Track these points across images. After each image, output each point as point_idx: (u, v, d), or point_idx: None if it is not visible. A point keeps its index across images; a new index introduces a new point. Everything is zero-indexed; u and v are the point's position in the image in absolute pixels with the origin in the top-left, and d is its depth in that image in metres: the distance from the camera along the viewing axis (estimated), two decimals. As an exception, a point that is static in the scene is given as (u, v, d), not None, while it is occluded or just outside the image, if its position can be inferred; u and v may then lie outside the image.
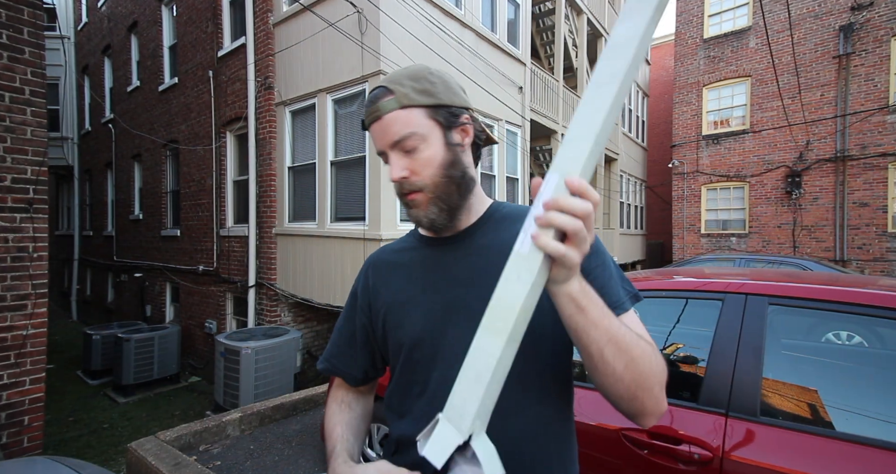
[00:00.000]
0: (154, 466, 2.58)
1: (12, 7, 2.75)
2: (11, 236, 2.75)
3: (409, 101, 0.71)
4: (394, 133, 0.71)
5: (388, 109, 0.71)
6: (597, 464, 1.62)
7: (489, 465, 0.53)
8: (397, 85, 0.71)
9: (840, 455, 1.26)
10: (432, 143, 0.72)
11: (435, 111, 0.72)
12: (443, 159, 0.72)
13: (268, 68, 5.57)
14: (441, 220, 0.74)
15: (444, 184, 0.73)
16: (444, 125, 0.73)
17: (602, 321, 0.57)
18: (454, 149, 0.74)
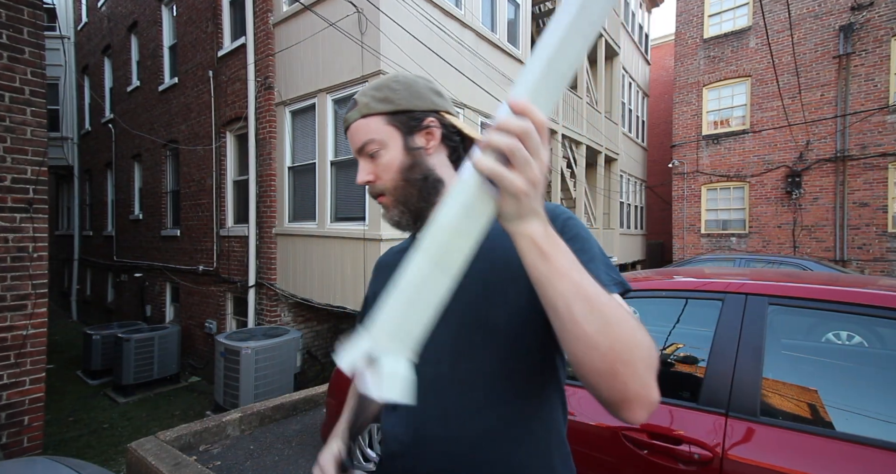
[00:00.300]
0: (154, 466, 2.58)
1: (12, 7, 2.75)
2: (11, 236, 2.75)
3: (369, 109, 0.76)
4: (357, 140, 0.77)
5: (353, 119, 0.78)
6: (597, 464, 1.62)
7: (390, 384, 0.50)
8: (361, 95, 0.78)
9: (840, 455, 1.26)
10: (391, 149, 0.76)
11: (394, 117, 0.76)
12: (401, 163, 0.76)
13: (268, 68, 5.57)
14: (405, 222, 0.78)
15: (403, 188, 0.76)
16: (403, 130, 0.77)
17: (570, 272, 0.51)
18: (414, 153, 0.77)
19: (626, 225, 12.57)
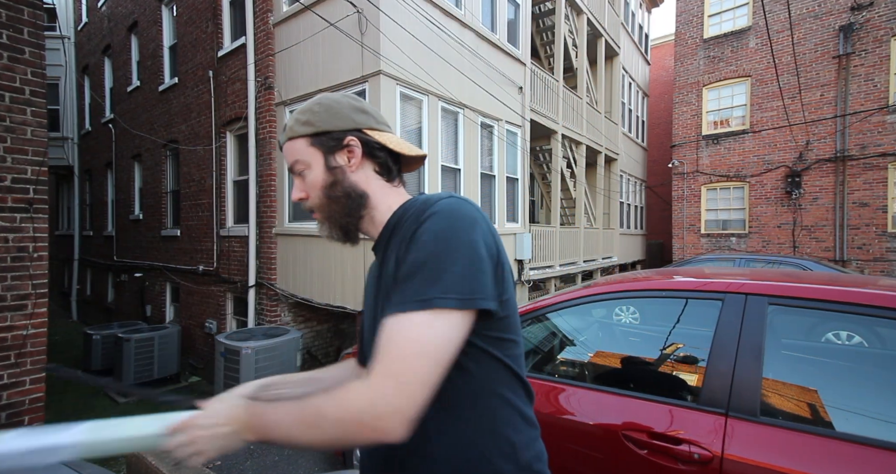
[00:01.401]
0: (154, 466, 2.58)
1: (12, 7, 2.75)
2: (11, 236, 2.75)
3: (294, 132, 0.82)
4: (288, 160, 0.84)
5: (282, 142, 0.84)
6: (597, 464, 1.62)
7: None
8: (290, 119, 0.84)
9: (840, 455, 1.26)
10: (314, 168, 0.82)
11: (315, 138, 0.82)
12: (323, 182, 0.82)
13: (268, 68, 5.58)
14: (336, 236, 0.85)
15: (328, 204, 0.83)
16: (323, 150, 0.82)
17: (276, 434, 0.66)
18: (335, 171, 0.82)
19: (626, 225, 12.57)
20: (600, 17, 10.28)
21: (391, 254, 0.76)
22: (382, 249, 0.82)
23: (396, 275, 0.70)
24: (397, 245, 0.74)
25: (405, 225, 0.74)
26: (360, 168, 0.83)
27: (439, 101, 5.37)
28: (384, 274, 0.77)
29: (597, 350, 2.19)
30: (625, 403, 1.64)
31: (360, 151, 0.83)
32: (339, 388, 0.65)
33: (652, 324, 2.23)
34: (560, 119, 8.52)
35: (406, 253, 0.69)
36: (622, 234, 11.90)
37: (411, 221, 0.73)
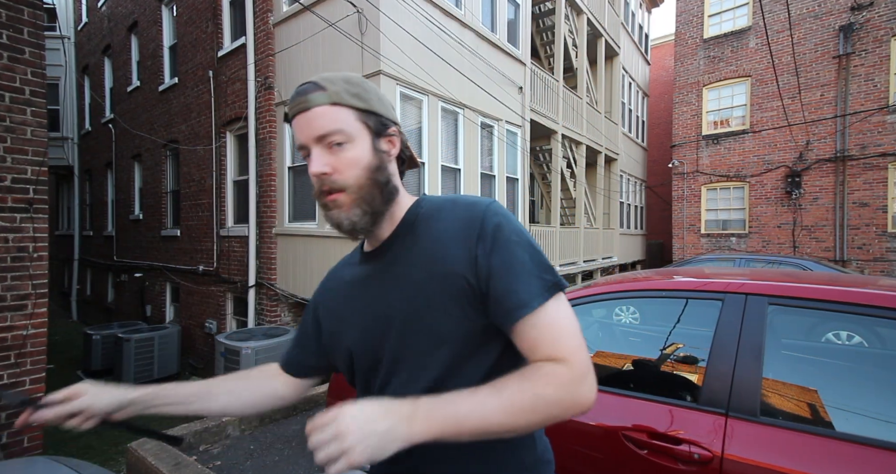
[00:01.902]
0: (154, 466, 2.58)
1: (12, 7, 2.75)
2: (11, 236, 2.75)
3: (341, 99, 0.71)
4: (319, 127, 0.70)
5: (318, 103, 0.70)
6: (597, 464, 1.62)
7: None
8: (330, 83, 0.72)
9: (840, 455, 1.26)
10: (359, 145, 0.72)
11: (366, 115, 0.73)
12: (369, 162, 0.73)
13: (268, 68, 5.58)
14: (363, 224, 0.73)
15: (369, 187, 0.72)
16: (373, 131, 0.74)
17: (465, 425, 0.60)
18: (381, 155, 0.75)
19: (626, 225, 12.57)
20: (600, 17, 10.28)
21: (421, 251, 0.74)
22: (394, 247, 0.78)
23: (493, 273, 0.69)
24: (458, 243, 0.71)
25: (448, 224, 0.73)
26: (391, 161, 0.79)
27: (439, 101, 5.37)
28: (414, 271, 0.74)
29: (597, 350, 2.19)
30: (625, 403, 1.64)
31: (398, 144, 0.79)
32: (538, 372, 0.64)
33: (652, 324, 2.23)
34: (560, 119, 8.52)
35: (495, 251, 0.69)
36: (622, 234, 11.90)
37: (467, 222, 0.72)
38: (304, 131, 0.71)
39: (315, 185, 0.73)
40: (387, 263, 0.78)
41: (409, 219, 0.79)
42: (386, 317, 0.75)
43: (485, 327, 0.71)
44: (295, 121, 0.72)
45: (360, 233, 0.75)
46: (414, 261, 0.74)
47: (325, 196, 0.73)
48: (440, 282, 0.71)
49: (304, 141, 0.72)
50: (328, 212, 0.74)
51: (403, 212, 0.80)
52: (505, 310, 0.68)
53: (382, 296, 0.77)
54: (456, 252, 0.71)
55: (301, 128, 0.72)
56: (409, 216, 0.79)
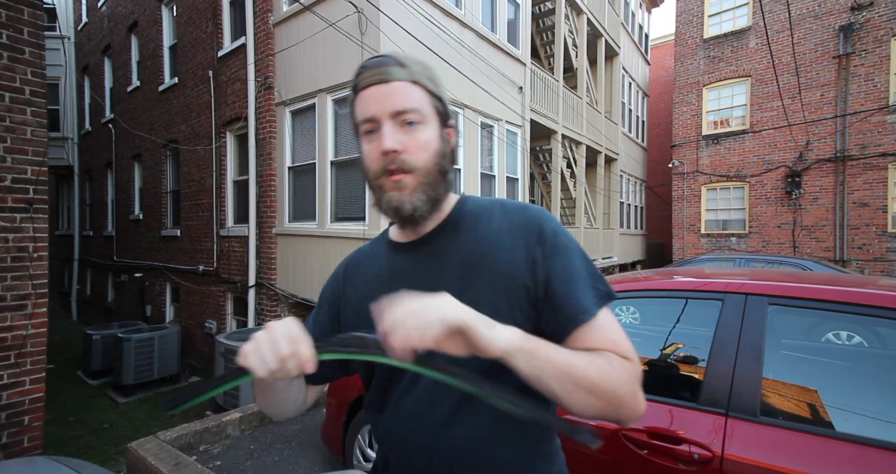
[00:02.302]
0: (154, 466, 2.58)
1: (12, 7, 2.75)
2: (11, 236, 2.75)
3: (419, 79, 0.70)
4: (398, 102, 0.67)
5: (398, 77, 0.68)
6: (597, 464, 1.62)
7: None
8: (408, 61, 0.71)
9: (840, 455, 1.26)
10: (430, 128, 0.70)
11: (438, 101, 0.73)
12: (438, 147, 0.71)
13: (268, 68, 5.58)
14: (423, 210, 0.70)
15: (436, 173, 0.70)
16: (441, 117, 0.73)
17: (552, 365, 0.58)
18: (446, 142, 0.74)
19: (626, 225, 12.57)
20: (600, 17, 10.28)
21: (469, 249, 0.72)
22: (436, 241, 0.75)
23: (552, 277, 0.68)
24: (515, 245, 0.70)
25: (500, 226, 0.73)
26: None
27: (439, 101, 5.37)
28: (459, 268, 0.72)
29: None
30: (625, 403, 1.64)
31: (455, 138, 0.77)
32: (612, 358, 0.63)
33: (652, 324, 2.23)
34: (560, 119, 8.52)
35: (555, 257, 0.69)
36: (622, 234, 11.90)
37: (524, 225, 0.72)
38: (379, 103, 0.68)
39: (376, 164, 0.69)
40: (427, 256, 0.75)
41: (455, 215, 0.77)
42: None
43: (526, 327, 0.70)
44: (367, 92, 0.69)
45: (416, 220, 0.71)
46: (460, 257, 0.72)
47: (388, 176, 0.68)
48: (493, 281, 0.69)
49: (375, 113, 0.68)
50: (386, 193, 0.70)
51: (450, 207, 0.78)
52: (565, 316, 0.67)
53: (419, 290, 0.74)
54: (512, 254, 0.70)
55: (375, 99, 0.68)
56: (455, 212, 0.78)
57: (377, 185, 0.71)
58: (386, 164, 0.68)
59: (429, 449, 0.70)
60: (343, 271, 0.87)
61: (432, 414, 0.70)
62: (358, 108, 0.71)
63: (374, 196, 0.72)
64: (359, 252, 0.88)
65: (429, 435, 0.70)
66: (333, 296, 0.85)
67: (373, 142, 0.69)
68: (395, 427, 0.74)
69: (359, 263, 0.85)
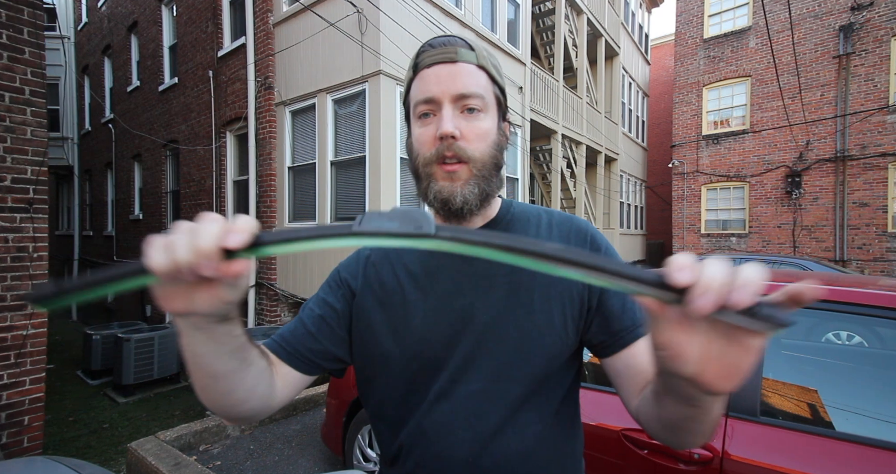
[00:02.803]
0: (154, 466, 2.58)
1: (12, 7, 2.75)
2: (11, 236, 2.75)
3: (486, 64, 0.66)
4: (465, 85, 0.63)
5: (467, 59, 0.64)
6: (597, 464, 1.62)
7: None
8: (478, 46, 0.66)
9: (840, 455, 1.26)
10: (490, 117, 0.66)
11: (499, 90, 0.69)
12: (496, 138, 0.66)
13: (268, 68, 5.57)
14: (474, 204, 0.64)
15: (491, 166, 0.65)
16: (501, 108, 0.69)
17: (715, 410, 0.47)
18: (503, 135, 0.69)
19: (626, 225, 12.57)
20: (600, 17, 10.27)
21: None
22: None
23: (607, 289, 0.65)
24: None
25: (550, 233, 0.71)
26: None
27: (439, 101, 5.37)
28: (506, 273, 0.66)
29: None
30: (625, 403, 1.65)
31: (509, 133, 0.72)
32: None
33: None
34: (560, 119, 8.52)
35: None
36: (622, 234, 11.90)
37: (576, 235, 0.71)
38: (443, 84, 0.63)
39: (429, 148, 0.64)
40: (469, 257, 0.66)
41: (502, 217, 0.73)
42: (463, 315, 0.66)
43: (573, 345, 0.68)
44: (429, 71, 0.64)
45: (465, 215, 0.65)
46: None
47: (441, 163, 0.63)
48: (547, 288, 0.66)
49: (436, 94, 0.63)
50: (437, 183, 0.64)
51: (496, 208, 0.74)
52: (623, 328, 0.65)
53: (459, 292, 0.67)
54: None
55: (439, 79, 0.63)
56: (502, 213, 0.73)
57: (427, 173, 0.65)
58: (441, 151, 0.62)
59: (470, 465, 0.65)
60: (364, 263, 0.76)
61: (474, 427, 0.65)
62: (416, 88, 0.66)
63: (421, 185, 0.66)
64: (358, 257, 0.81)
65: (469, 449, 0.65)
66: (348, 285, 0.74)
67: (428, 126, 0.64)
68: (425, 440, 0.67)
69: (387, 256, 0.75)
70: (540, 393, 0.66)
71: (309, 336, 0.71)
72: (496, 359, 0.65)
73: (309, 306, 0.75)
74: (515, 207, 0.75)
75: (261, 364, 0.60)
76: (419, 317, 0.67)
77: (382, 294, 0.71)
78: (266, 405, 0.63)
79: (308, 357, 0.70)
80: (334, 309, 0.72)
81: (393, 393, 0.70)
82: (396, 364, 0.68)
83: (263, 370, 0.60)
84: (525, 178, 7.41)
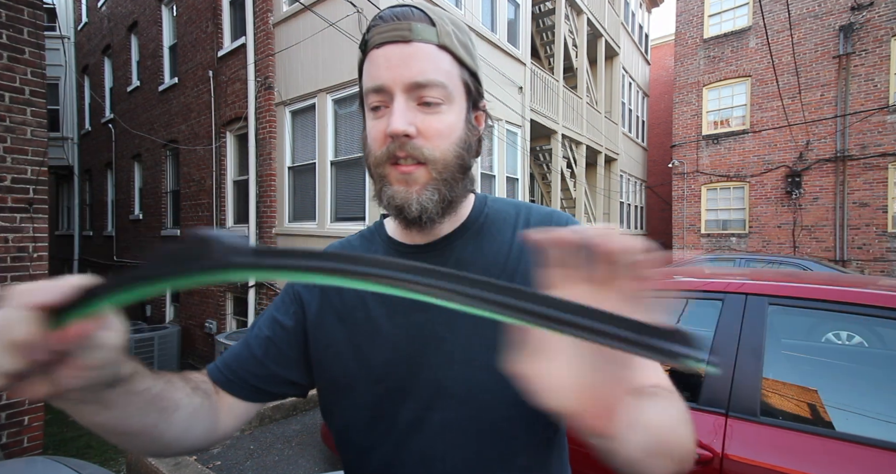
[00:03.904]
0: (154, 466, 2.58)
1: (12, 7, 2.75)
2: (11, 236, 2.75)
3: (451, 44, 0.54)
4: (420, 72, 0.51)
5: (423, 38, 0.52)
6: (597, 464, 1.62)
7: None
8: (438, 18, 0.54)
9: (840, 455, 1.26)
10: (455, 110, 0.55)
11: (470, 75, 0.57)
12: (462, 135, 0.56)
13: (268, 68, 5.57)
14: (433, 212, 0.55)
15: (454, 168, 0.55)
16: (470, 97, 0.58)
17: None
18: (472, 131, 0.58)
19: (626, 225, 12.57)
20: (600, 17, 10.27)
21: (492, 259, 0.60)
22: (455, 248, 0.62)
23: None
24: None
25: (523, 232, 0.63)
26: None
27: (439, 101, 5.37)
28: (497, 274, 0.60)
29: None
30: (625, 403, 1.64)
31: (483, 124, 0.62)
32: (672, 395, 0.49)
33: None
34: (560, 119, 8.52)
35: None
36: (622, 234, 11.89)
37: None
38: (394, 69, 0.52)
39: (379, 147, 0.54)
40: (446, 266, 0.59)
41: (477, 218, 0.64)
42: (433, 332, 0.57)
43: None
44: (379, 52, 0.53)
45: (422, 224, 0.56)
46: (483, 270, 0.59)
47: (395, 164, 0.54)
48: None
49: (386, 82, 0.52)
50: (390, 187, 0.55)
51: (468, 207, 0.64)
52: None
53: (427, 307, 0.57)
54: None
55: (389, 64, 0.52)
56: (475, 214, 0.64)
57: (379, 174, 0.56)
58: (392, 150, 0.53)
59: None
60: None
61: (453, 460, 0.57)
62: (366, 73, 0.55)
63: (375, 186, 0.58)
64: (342, 246, 0.71)
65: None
66: (304, 299, 0.65)
67: (380, 120, 0.54)
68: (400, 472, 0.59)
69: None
70: (522, 419, 0.56)
71: (253, 360, 0.62)
72: (474, 384, 0.55)
73: (258, 325, 0.67)
74: (490, 206, 0.66)
75: (192, 404, 0.51)
76: (383, 336, 0.59)
77: (343, 309, 0.62)
78: (207, 439, 0.55)
79: (252, 384, 0.62)
80: (284, 327, 0.64)
81: (357, 419, 0.61)
82: (361, 386, 0.60)
83: (196, 410, 0.52)
84: (525, 178, 7.41)
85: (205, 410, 0.54)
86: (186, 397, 0.51)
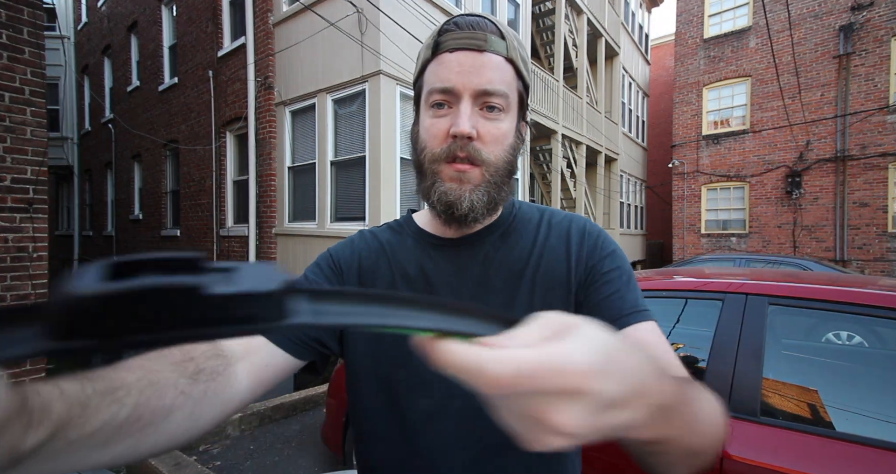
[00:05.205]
0: (154, 466, 2.58)
1: (12, 7, 2.75)
2: (11, 236, 2.75)
3: (516, 58, 0.58)
4: (489, 80, 0.55)
5: (497, 50, 0.56)
6: (596, 464, 1.61)
7: None
8: (508, 34, 0.58)
9: (840, 455, 1.26)
10: (510, 118, 0.59)
11: (524, 88, 0.61)
12: (512, 142, 0.60)
13: (268, 68, 5.57)
14: (480, 211, 0.58)
15: (504, 172, 0.59)
16: (521, 107, 0.62)
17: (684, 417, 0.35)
18: (520, 139, 0.62)
19: (626, 225, 12.57)
20: (600, 16, 10.27)
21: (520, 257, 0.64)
22: (485, 244, 0.65)
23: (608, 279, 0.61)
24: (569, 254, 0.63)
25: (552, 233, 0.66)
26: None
27: (439, 101, 5.37)
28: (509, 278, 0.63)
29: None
30: (625, 403, 1.64)
31: (525, 135, 0.65)
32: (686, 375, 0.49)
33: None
34: (560, 119, 8.52)
35: (608, 261, 0.62)
36: (622, 234, 11.90)
37: (578, 234, 0.65)
38: (466, 75, 0.55)
39: (439, 144, 0.57)
40: (471, 260, 0.64)
41: (506, 218, 0.67)
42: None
43: None
44: (452, 56, 0.56)
45: (469, 221, 0.59)
46: (507, 266, 0.63)
47: (450, 162, 0.57)
48: (545, 295, 0.62)
49: (457, 86, 0.55)
50: (443, 183, 0.58)
51: (499, 210, 0.68)
52: (619, 311, 0.58)
53: (456, 299, 0.62)
54: (559, 264, 0.63)
55: (462, 69, 0.55)
56: (505, 214, 0.68)
57: (433, 170, 0.58)
58: (453, 150, 0.56)
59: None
60: (360, 254, 0.68)
61: (473, 448, 0.59)
62: (433, 73, 0.58)
63: (424, 182, 0.60)
64: (374, 233, 0.71)
65: (465, 469, 0.60)
66: (347, 267, 0.67)
67: (441, 118, 0.57)
68: (418, 459, 0.61)
69: (381, 245, 0.68)
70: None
71: None
72: None
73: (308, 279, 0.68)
74: (518, 210, 0.70)
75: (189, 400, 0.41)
76: None
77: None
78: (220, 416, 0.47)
79: (298, 340, 0.59)
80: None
81: (377, 403, 0.63)
82: (382, 370, 0.62)
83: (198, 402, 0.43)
84: (525, 178, 7.41)
85: (211, 395, 0.45)
86: (181, 395, 0.41)
